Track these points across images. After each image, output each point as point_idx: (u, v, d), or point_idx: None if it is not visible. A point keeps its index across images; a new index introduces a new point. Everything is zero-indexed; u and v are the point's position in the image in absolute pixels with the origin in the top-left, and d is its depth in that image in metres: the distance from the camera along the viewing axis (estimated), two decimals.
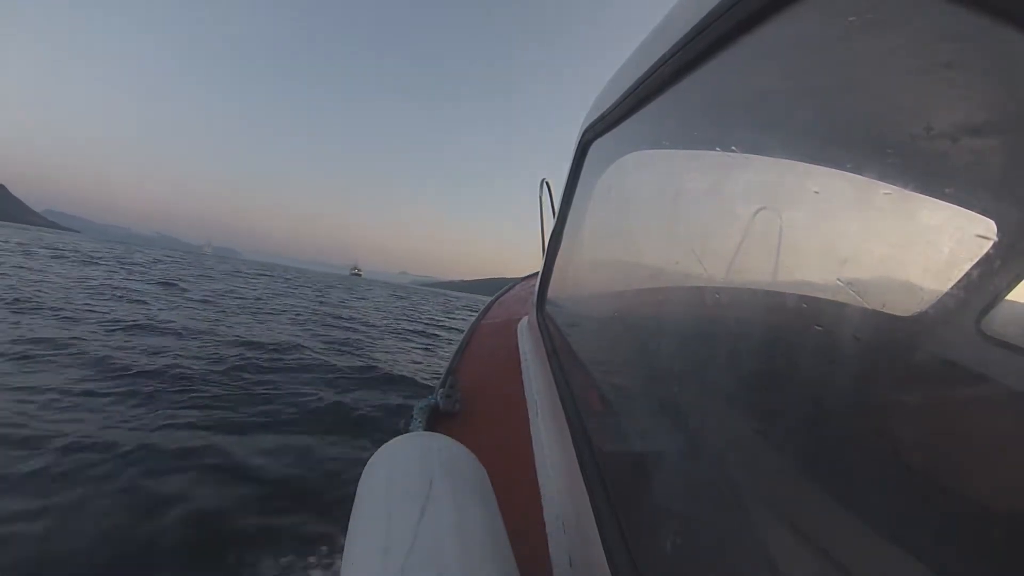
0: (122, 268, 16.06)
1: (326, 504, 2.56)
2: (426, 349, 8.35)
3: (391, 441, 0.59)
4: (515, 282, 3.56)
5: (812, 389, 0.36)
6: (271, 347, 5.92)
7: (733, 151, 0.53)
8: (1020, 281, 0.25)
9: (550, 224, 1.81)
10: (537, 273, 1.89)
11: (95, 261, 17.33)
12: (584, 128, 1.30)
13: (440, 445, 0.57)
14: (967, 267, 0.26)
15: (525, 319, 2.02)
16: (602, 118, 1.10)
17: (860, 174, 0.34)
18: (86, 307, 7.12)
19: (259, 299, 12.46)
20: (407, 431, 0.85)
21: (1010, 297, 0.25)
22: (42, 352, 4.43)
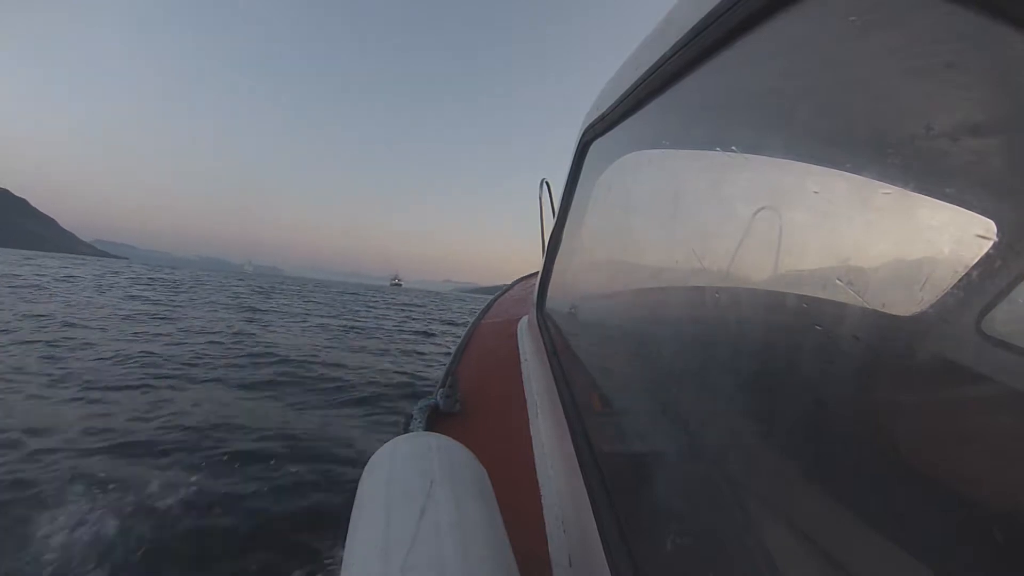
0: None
1: None
2: None
3: (391, 441, 0.59)
4: (515, 282, 3.56)
5: (812, 389, 0.36)
6: None
7: (733, 151, 0.53)
8: (1020, 281, 0.25)
9: (550, 224, 1.81)
10: (537, 273, 1.89)
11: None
12: (584, 128, 1.30)
13: (440, 445, 0.57)
14: (967, 267, 0.26)
15: (525, 319, 2.02)
16: (602, 118, 1.10)
17: (860, 174, 0.34)
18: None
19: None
20: (407, 431, 0.85)
21: (1010, 297, 0.25)
22: None
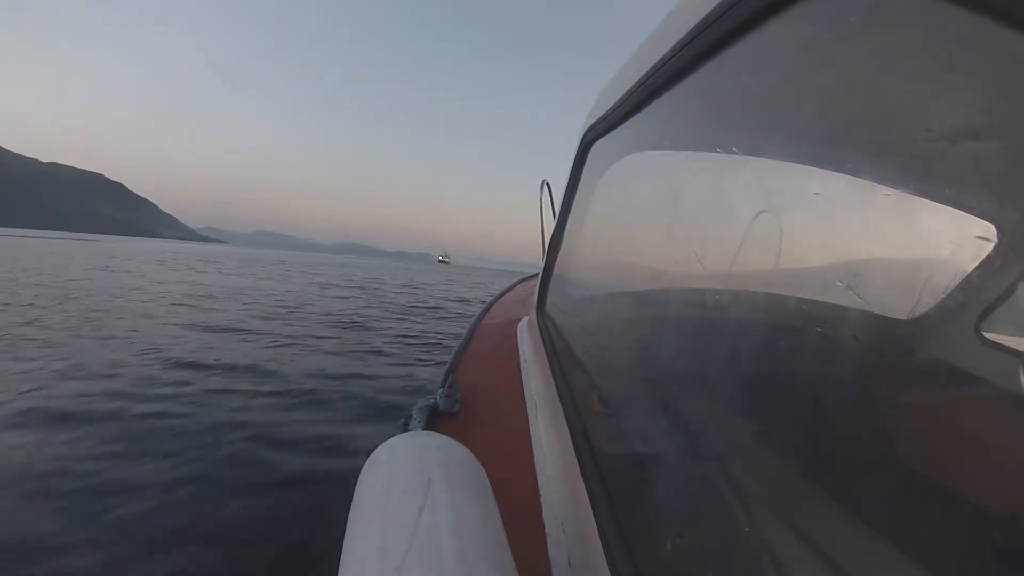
0: None
1: None
2: None
3: (390, 440, 0.59)
4: (516, 282, 3.56)
5: (812, 390, 0.36)
6: None
7: (734, 152, 0.53)
8: (1019, 285, 0.25)
9: (550, 225, 1.81)
10: (537, 274, 1.89)
11: None
12: (585, 129, 1.31)
13: (439, 444, 0.57)
14: (967, 270, 0.26)
15: (525, 319, 2.02)
16: (603, 119, 1.10)
17: (861, 176, 0.34)
18: None
19: None
20: (406, 430, 0.85)
21: (1009, 300, 0.25)
22: None
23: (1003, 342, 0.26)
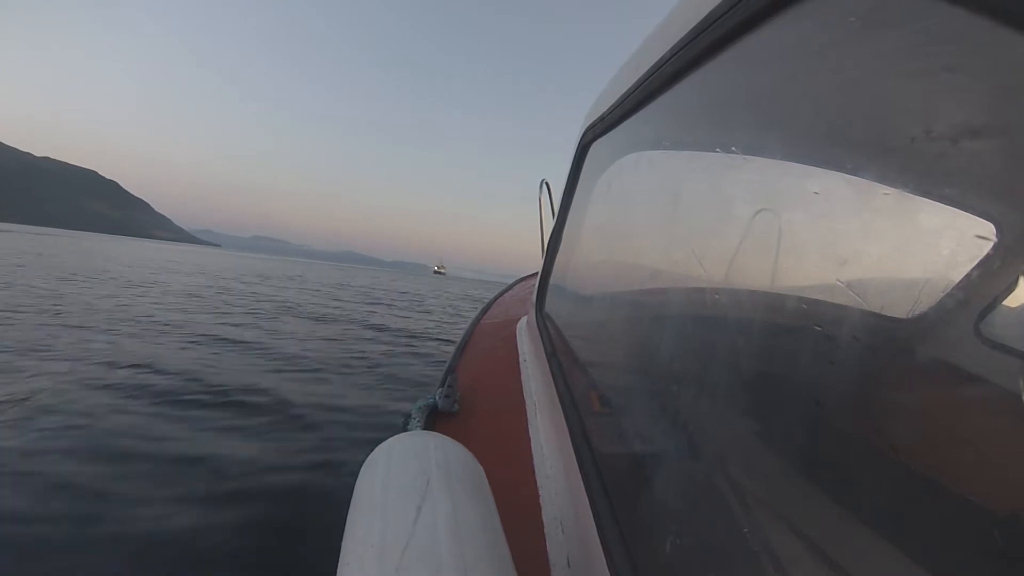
0: None
1: None
2: None
3: (389, 440, 0.59)
4: (515, 282, 3.56)
5: (811, 390, 0.36)
6: None
7: (733, 152, 0.53)
8: (1019, 284, 0.25)
9: (550, 224, 1.81)
10: (537, 273, 1.89)
11: None
12: (584, 128, 1.31)
13: (438, 444, 0.57)
14: (966, 269, 0.26)
15: (524, 319, 2.02)
16: (602, 118, 1.10)
17: (860, 176, 0.34)
18: None
19: None
20: (405, 430, 0.85)
21: (1009, 300, 0.25)
22: None
23: (1002, 341, 0.26)
